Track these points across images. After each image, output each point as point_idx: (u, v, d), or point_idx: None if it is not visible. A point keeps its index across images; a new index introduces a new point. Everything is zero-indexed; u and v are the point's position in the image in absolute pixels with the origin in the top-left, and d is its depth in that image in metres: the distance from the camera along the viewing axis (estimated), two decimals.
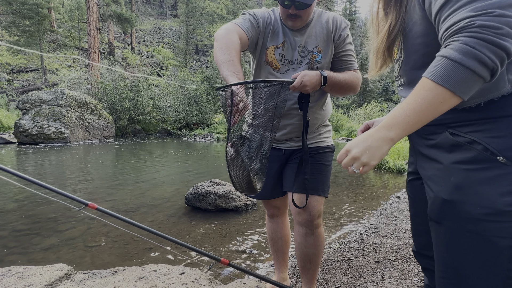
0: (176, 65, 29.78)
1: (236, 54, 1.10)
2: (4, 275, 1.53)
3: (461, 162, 0.64)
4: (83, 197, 3.79)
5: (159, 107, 18.40)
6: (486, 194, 0.60)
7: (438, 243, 0.69)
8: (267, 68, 1.37)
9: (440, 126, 0.68)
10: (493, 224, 0.59)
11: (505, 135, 0.60)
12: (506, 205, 0.58)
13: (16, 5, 18.81)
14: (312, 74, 1.19)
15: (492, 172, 0.60)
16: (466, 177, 0.63)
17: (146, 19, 41.20)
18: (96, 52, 19.02)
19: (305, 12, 1.25)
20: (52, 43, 25.47)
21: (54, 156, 7.74)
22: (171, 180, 5.10)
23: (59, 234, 2.67)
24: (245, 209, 3.45)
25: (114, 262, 2.15)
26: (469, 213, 0.62)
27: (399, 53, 0.78)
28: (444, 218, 0.66)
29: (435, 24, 0.63)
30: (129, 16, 21.57)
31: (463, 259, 0.63)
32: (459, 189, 0.63)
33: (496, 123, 0.61)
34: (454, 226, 0.64)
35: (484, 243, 0.60)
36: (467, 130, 0.64)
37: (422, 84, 0.59)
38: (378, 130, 0.64)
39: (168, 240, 1.48)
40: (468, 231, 0.62)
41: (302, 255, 1.43)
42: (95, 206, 1.43)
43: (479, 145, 0.61)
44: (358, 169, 0.67)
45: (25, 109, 11.08)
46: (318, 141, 1.43)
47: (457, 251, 0.64)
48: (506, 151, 0.59)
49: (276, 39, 1.34)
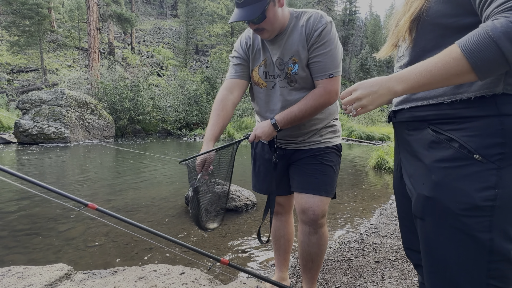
0: (176, 65, 29.76)
1: (217, 119, 1.34)
2: (4, 275, 1.53)
3: (440, 160, 0.67)
4: (83, 197, 3.79)
5: (159, 107, 18.40)
6: (464, 190, 0.63)
7: (424, 239, 0.71)
8: (256, 89, 1.41)
9: (423, 122, 0.71)
10: (471, 218, 0.62)
11: (481, 134, 0.62)
12: (482, 200, 0.61)
13: (16, 5, 18.79)
14: (263, 125, 1.29)
15: (469, 169, 0.63)
16: (445, 175, 0.66)
17: (146, 19, 41.19)
18: (96, 52, 19.02)
19: (265, 23, 1.17)
20: (52, 43, 25.46)
21: (54, 156, 7.74)
22: (171, 180, 5.10)
23: (59, 234, 2.67)
24: (245, 209, 3.45)
25: (114, 262, 2.15)
26: (449, 208, 0.65)
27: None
28: (427, 215, 0.69)
29: (476, 3, 0.62)
30: (129, 16, 21.56)
31: (446, 253, 0.66)
32: (439, 186, 0.66)
33: (474, 122, 0.63)
34: (436, 222, 0.67)
35: (465, 237, 0.63)
36: (447, 128, 0.66)
37: (450, 50, 0.59)
38: (389, 79, 0.66)
39: (168, 240, 1.48)
40: (449, 226, 0.65)
41: (304, 253, 1.44)
42: (95, 207, 1.43)
43: (456, 143, 0.64)
44: (356, 110, 0.70)
45: (25, 109, 11.07)
46: (321, 142, 1.41)
47: (441, 246, 0.67)
48: (482, 149, 0.62)
49: (258, 58, 1.35)
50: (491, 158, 0.62)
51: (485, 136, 0.62)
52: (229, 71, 1.40)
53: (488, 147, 0.62)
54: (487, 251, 0.62)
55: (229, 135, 15.91)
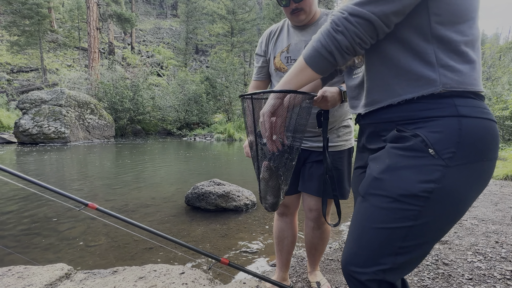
0: (176, 65, 29.78)
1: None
2: (4, 275, 1.53)
3: (399, 148, 0.71)
4: (83, 197, 3.80)
5: (159, 107, 18.41)
6: (408, 178, 0.67)
7: (357, 213, 0.78)
8: (278, 74, 1.44)
9: (391, 123, 0.75)
10: (404, 204, 0.67)
11: (442, 131, 0.66)
12: (420, 190, 0.66)
13: (16, 5, 18.80)
14: (332, 90, 1.14)
15: (420, 161, 0.67)
16: (398, 161, 0.70)
17: (146, 19, 41.20)
18: (96, 52, 19.03)
19: (304, 3, 1.27)
20: (52, 42, 25.47)
21: (54, 156, 7.75)
22: (171, 180, 5.11)
23: (59, 234, 2.68)
24: (245, 209, 3.45)
25: (114, 262, 2.15)
26: (390, 191, 0.69)
27: None
28: (369, 194, 0.74)
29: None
30: (129, 16, 21.57)
31: (370, 229, 0.72)
32: (389, 170, 0.71)
33: (436, 121, 0.67)
34: (373, 201, 0.72)
35: (391, 220, 0.69)
36: (413, 127, 0.70)
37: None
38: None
39: (168, 240, 1.48)
40: (382, 207, 0.70)
41: (308, 243, 1.63)
42: (95, 206, 1.43)
43: (419, 137, 0.68)
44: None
45: (25, 108, 11.08)
46: (336, 145, 1.41)
47: (367, 222, 0.73)
48: (437, 145, 0.66)
49: (281, 45, 1.41)
50: (443, 155, 0.66)
51: (444, 134, 0.66)
52: (254, 70, 1.56)
53: (443, 144, 0.66)
54: (402, 236, 0.68)
55: (229, 135, 15.91)
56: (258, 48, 1.51)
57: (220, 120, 18.94)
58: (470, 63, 0.69)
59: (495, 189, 4.53)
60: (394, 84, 0.72)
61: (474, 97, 0.69)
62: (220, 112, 20.31)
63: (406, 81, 0.70)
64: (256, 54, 1.54)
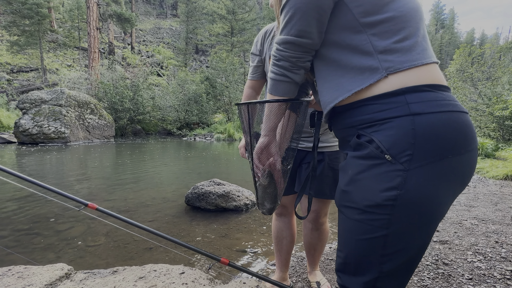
0: (176, 65, 29.78)
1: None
2: (4, 274, 1.53)
3: (358, 157, 0.70)
4: (83, 197, 3.80)
5: (159, 107, 18.41)
6: (371, 188, 0.66)
7: (339, 225, 0.79)
8: None
9: (352, 128, 0.74)
10: (373, 215, 0.66)
11: (395, 134, 0.64)
12: (383, 199, 0.64)
13: (16, 5, 18.80)
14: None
15: (379, 168, 0.65)
16: (358, 172, 0.69)
17: (146, 18, 41.20)
18: (96, 52, 19.02)
19: None
20: (52, 42, 25.47)
21: (54, 156, 7.75)
22: (171, 180, 5.10)
23: (59, 234, 2.68)
24: (245, 209, 3.46)
25: (114, 262, 2.15)
26: (357, 203, 0.69)
27: None
28: (341, 206, 0.75)
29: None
30: (129, 15, 21.56)
31: (351, 241, 0.72)
32: (352, 182, 0.71)
33: (390, 123, 0.65)
34: (347, 213, 0.73)
35: (365, 231, 0.68)
36: (370, 130, 0.68)
37: None
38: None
39: (168, 240, 1.48)
40: (355, 219, 0.70)
41: (307, 243, 1.65)
42: (95, 206, 1.43)
43: (373, 143, 0.66)
44: None
45: (25, 108, 11.08)
46: (333, 145, 1.40)
47: (348, 233, 0.73)
48: (393, 149, 0.63)
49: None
50: (400, 160, 0.63)
51: (397, 137, 0.63)
52: (250, 70, 1.56)
53: (398, 148, 0.63)
54: (381, 245, 0.67)
55: (229, 135, 15.91)
56: (254, 47, 1.50)
57: (220, 120, 18.94)
58: (409, 38, 0.67)
59: (495, 189, 4.53)
60: (343, 82, 0.73)
61: (430, 90, 0.65)
62: (220, 112, 20.31)
63: (352, 77, 0.71)
64: (251, 53, 1.53)
